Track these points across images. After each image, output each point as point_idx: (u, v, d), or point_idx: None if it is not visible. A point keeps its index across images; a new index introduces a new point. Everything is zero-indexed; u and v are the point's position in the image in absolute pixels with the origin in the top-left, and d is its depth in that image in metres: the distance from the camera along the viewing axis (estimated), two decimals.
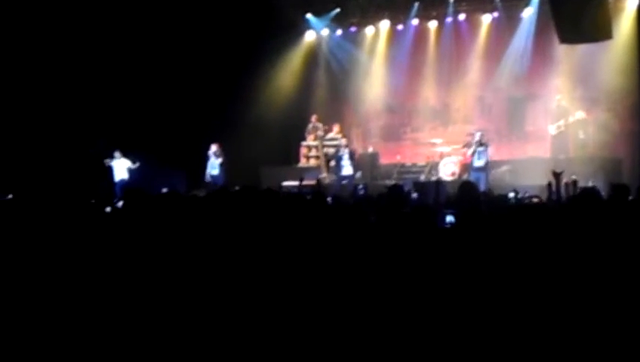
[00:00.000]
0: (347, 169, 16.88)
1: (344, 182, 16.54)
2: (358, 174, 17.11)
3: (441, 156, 17.70)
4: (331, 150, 18.24)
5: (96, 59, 16.54)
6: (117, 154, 17.27)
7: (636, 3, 16.57)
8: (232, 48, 17.81)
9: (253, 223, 4.49)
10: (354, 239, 4.10)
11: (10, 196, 9.86)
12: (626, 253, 3.62)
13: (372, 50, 20.49)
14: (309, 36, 20.89)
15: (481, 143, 15.90)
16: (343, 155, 17.03)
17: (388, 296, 3.46)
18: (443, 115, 19.97)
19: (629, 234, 3.99)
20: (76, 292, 3.79)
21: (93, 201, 7.69)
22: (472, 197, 5.93)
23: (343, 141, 17.88)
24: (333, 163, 17.61)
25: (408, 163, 19.08)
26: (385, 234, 4.13)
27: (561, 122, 17.07)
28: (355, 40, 20.65)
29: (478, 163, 15.85)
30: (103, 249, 4.22)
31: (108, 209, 7.25)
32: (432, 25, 19.56)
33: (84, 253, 4.12)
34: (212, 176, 17.37)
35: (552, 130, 17.13)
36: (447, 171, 17.02)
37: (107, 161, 17.23)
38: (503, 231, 3.92)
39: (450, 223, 5.80)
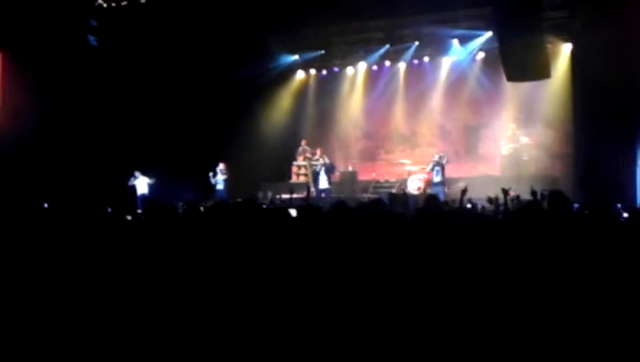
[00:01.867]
0: (323, 183, 17.04)
1: (322, 194, 16.60)
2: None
3: (409, 174, 17.91)
4: (317, 167, 18.26)
5: (123, 96, 16.61)
6: (137, 173, 17.18)
7: (570, 48, 16.81)
8: (237, 85, 17.98)
9: (256, 228, 4.46)
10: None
11: (45, 205, 9.79)
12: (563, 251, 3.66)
13: (352, 87, 20.56)
14: (300, 75, 21.00)
15: (438, 163, 16.07)
16: (320, 171, 17.20)
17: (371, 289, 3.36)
18: (411, 140, 20.06)
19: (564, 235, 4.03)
20: (100, 286, 3.68)
21: (116, 211, 7.65)
22: (435, 207, 5.99)
23: (321, 160, 17.94)
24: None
25: (382, 179, 19.14)
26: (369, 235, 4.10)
27: (511, 145, 17.37)
28: (337, 78, 20.66)
29: (436, 178, 16.06)
30: (122, 250, 4.14)
31: (129, 217, 7.26)
32: (402, 65, 19.66)
33: (106, 253, 4.04)
34: (217, 190, 17.35)
35: (505, 150, 17.45)
36: (414, 186, 17.13)
37: (131, 180, 17.20)
38: (462, 233, 3.98)
39: None
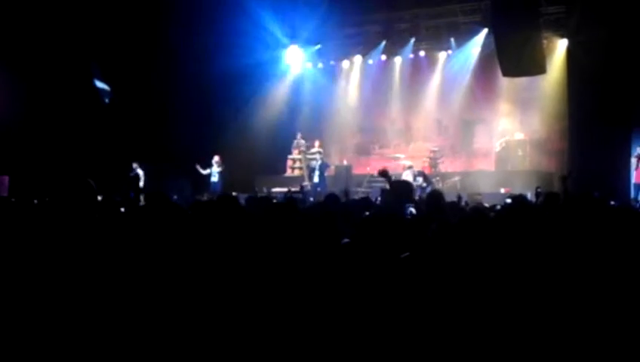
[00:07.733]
0: (316, 178, 16.80)
1: (318, 189, 16.24)
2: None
3: (404, 168, 17.54)
4: (312, 162, 18.01)
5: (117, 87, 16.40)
6: (134, 165, 16.88)
7: (565, 44, 16.53)
8: (233, 78, 17.61)
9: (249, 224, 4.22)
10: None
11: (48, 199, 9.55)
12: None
13: (347, 80, 20.39)
14: (296, 69, 20.69)
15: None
16: (315, 167, 16.98)
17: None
18: (406, 135, 19.80)
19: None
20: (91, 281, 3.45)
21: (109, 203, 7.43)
22: (438, 202, 5.80)
23: (318, 156, 17.71)
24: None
25: (376, 174, 18.78)
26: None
27: (505, 140, 17.11)
28: (333, 72, 20.50)
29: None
30: (116, 243, 3.92)
31: (122, 209, 6.98)
32: (397, 60, 19.43)
33: (99, 246, 3.82)
34: (212, 183, 16.97)
35: (498, 146, 17.21)
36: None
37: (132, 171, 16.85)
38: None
39: (411, 213, 5.76)
